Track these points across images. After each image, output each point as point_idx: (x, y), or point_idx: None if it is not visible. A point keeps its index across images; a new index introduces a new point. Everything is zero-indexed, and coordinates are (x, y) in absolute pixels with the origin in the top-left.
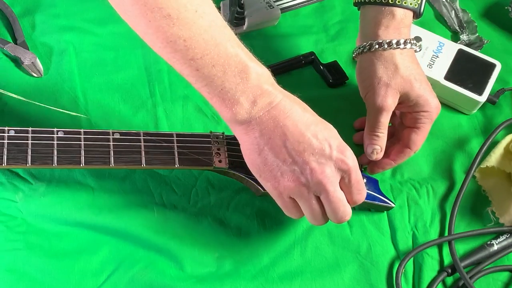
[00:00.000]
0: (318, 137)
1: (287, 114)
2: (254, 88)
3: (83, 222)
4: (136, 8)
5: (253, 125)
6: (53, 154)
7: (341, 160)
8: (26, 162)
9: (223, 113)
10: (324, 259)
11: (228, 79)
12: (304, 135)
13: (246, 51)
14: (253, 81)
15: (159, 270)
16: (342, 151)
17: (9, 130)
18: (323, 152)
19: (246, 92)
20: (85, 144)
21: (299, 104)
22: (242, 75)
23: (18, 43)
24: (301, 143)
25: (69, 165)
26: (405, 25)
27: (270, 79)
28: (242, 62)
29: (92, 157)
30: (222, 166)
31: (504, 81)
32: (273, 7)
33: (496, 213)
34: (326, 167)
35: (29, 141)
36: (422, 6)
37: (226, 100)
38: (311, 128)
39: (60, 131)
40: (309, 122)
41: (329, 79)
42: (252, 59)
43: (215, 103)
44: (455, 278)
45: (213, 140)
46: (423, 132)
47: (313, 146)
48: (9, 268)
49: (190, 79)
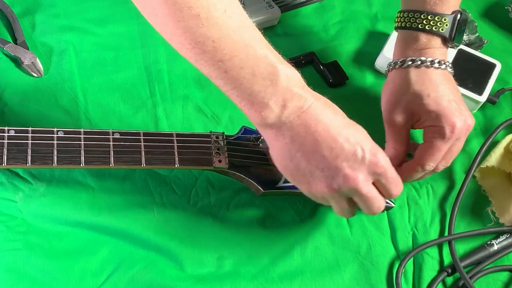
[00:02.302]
0: (350, 141)
1: (318, 119)
2: (284, 91)
3: (83, 222)
4: (165, 7)
5: (284, 130)
6: (53, 154)
7: (374, 163)
8: (26, 162)
9: (253, 117)
10: (324, 259)
11: (257, 81)
12: (336, 141)
13: (276, 53)
14: (282, 83)
15: (159, 270)
16: (375, 153)
17: (9, 130)
18: (356, 157)
19: (276, 96)
20: (85, 144)
21: (330, 107)
22: (272, 77)
23: (18, 43)
24: (333, 149)
25: (69, 165)
26: (429, 47)
27: (301, 82)
28: (272, 64)
29: (92, 157)
30: (222, 166)
31: (504, 81)
32: (273, 7)
33: (496, 213)
34: (359, 173)
35: (29, 141)
36: (453, 32)
37: (255, 103)
38: (343, 133)
39: (60, 131)
40: (341, 126)
41: (329, 79)
42: (281, 61)
43: (244, 106)
44: (455, 278)
45: (213, 140)
46: (433, 149)
47: (346, 151)
48: (9, 268)
49: (218, 82)
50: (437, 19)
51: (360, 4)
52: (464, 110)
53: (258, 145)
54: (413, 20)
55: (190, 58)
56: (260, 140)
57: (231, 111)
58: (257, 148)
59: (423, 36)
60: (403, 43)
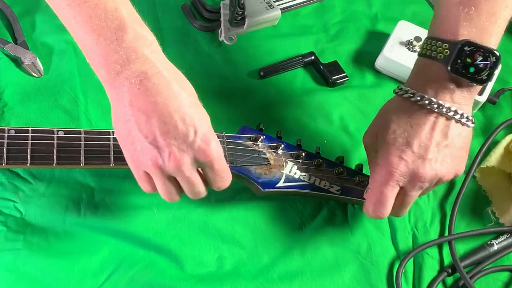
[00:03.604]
0: (185, 121)
1: (160, 90)
2: (129, 50)
3: (83, 222)
4: None
5: (124, 93)
6: (53, 154)
7: (203, 150)
8: (26, 162)
9: (97, 72)
10: (324, 259)
11: (104, 33)
12: (171, 117)
13: (132, 11)
14: (129, 42)
15: (159, 270)
16: (207, 141)
17: (9, 129)
18: (186, 138)
19: (120, 53)
20: (85, 144)
21: (178, 81)
22: (118, 33)
23: (18, 43)
24: (166, 125)
25: (69, 165)
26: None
27: (154, 47)
28: (120, 19)
29: (92, 156)
30: None
31: (504, 81)
32: (273, 7)
33: (496, 213)
34: (185, 155)
35: (29, 140)
36: (453, 61)
37: (100, 57)
38: (181, 111)
39: (60, 131)
40: (182, 104)
41: (329, 79)
42: (136, 20)
43: (89, 58)
44: (455, 278)
45: None
46: (372, 191)
47: (178, 130)
48: (9, 268)
49: (68, 28)
50: (437, 44)
51: (360, 4)
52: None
53: (258, 144)
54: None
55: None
56: (261, 140)
57: (232, 111)
58: (257, 148)
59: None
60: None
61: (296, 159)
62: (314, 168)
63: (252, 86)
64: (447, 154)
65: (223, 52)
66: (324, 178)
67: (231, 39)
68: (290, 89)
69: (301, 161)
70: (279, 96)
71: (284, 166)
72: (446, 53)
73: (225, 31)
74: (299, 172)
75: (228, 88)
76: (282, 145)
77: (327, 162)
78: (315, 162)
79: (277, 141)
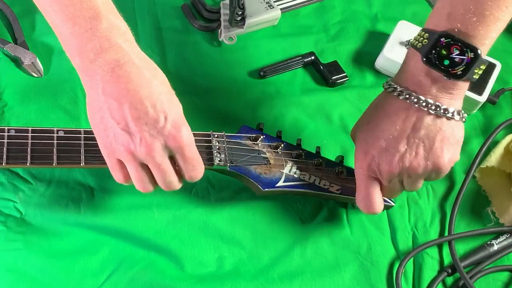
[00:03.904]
0: (156, 107)
1: (131, 78)
2: (102, 39)
3: (83, 222)
4: None
5: (97, 80)
6: (53, 154)
7: (173, 136)
8: (26, 162)
9: (72, 60)
10: (324, 259)
11: (79, 22)
12: (142, 103)
13: (107, 0)
14: (103, 31)
15: (159, 270)
16: (178, 127)
17: (9, 129)
18: (156, 123)
19: (94, 42)
20: (85, 143)
21: (149, 69)
22: (93, 22)
23: (18, 43)
24: (137, 110)
25: (69, 164)
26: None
27: (127, 36)
28: (95, 9)
29: (92, 156)
30: (222, 165)
31: (504, 81)
32: (273, 7)
33: (496, 213)
34: (156, 141)
35: (29, 140)
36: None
37: (75, 45)
38: (153, 98)
39: (60, 131)
40: (153, 90)
41: (329, 79)
42: (111, 10)
43: (65, 46)
44: (455, 278)
45: (214, 139)
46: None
47: (149, 116)
48: (9, 268)
49: (45, 16)
50: (421, 33)
51: (360, 4)
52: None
53: (258, 144)
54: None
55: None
56: (261, 139)
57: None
58: (257, 148)
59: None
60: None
61: (296, 158)
62: (314, 168)
63: (252, 86)
64: (420, 147)
65: (223, 52)
66: (324, 178)
67: (231, 39)
68: (290, 89)
69: (301, 160)
70: (279, 96)
71: (284, 166)
72: (425, 42)
73: (225, 31)
74: (299, 171)
75: (228, 88)
76: (282, 145)
77: (327, 162)
78: (315, 162)
79: (277, 140)
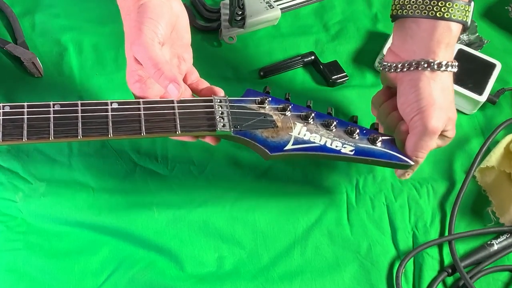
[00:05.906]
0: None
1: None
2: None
3: (83, 222)
4: None
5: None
6: (49, 128)
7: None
8: (22, 137)
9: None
10: (324, 259)
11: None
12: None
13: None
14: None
15: (159, 270)
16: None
17: (4, 106)
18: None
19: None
20: (82, 116)
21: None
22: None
23: (18, 43)
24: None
25: (66, 138)
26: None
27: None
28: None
29: (90, 129)
30: (226, 130)
31: (504, 81)
32: (273, 7)
33: (496, 213)
34: None
35: (24, 116)
36: (469, 20)
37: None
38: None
39: (57, 104)
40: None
41: (329, 79)
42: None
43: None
44: (455, 278)
45: (216, 104)
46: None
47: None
48: (9, 268)
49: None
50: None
51: (360, 4)
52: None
53: (265, 107)
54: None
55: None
56: (267, 102)
57: None
58: (263, 111)
59: (454, 27)
60: (433, 37)
61: (305, 120)
62: (325, 129)
63: (252, 86)
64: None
65: (223, 52)
66: (336, 139)
67: (231, 39)
68: (290, 89)
69: (310, 122)
70: (279, 96)
71: (292, 128)
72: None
73: (225, 31)
74: (308, 133)
75: (228, 88)
76: (289, 106)
77: (338, 122)
78: (326, 122)
79: (285, 102)
